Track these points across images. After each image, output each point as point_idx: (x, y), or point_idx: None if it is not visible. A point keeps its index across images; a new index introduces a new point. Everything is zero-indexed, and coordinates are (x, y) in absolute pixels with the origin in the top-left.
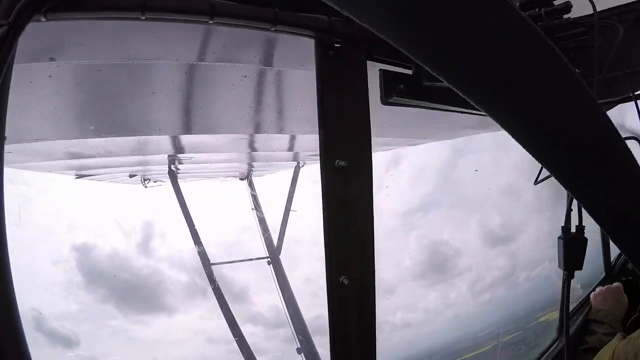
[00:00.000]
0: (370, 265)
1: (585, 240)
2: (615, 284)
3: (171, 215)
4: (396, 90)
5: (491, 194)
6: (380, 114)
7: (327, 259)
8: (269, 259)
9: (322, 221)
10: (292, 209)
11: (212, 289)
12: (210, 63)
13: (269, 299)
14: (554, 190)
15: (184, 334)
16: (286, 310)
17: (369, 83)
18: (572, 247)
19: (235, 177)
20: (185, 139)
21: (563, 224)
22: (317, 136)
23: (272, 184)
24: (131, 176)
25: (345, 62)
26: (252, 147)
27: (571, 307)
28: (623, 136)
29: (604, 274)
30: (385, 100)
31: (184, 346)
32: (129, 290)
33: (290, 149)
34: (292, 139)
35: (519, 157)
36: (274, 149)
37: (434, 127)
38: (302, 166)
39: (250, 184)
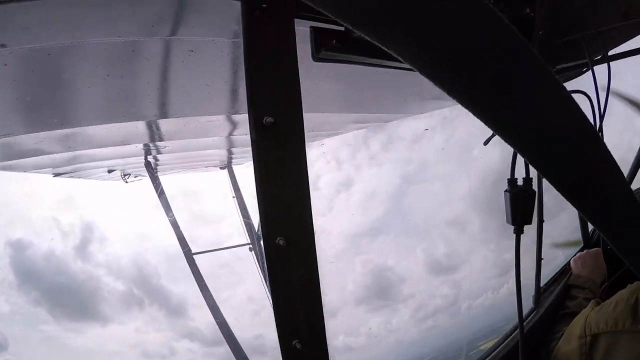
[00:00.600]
0: (308, 225)
1: (534, 193)
2: (595, 249)
3: (116, 217)
4: (326, 46)
5: (438, 224)
6: (349, 89)
7: (261, 221)
8: (250, 246)
9: (254, 181)
10: None
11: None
12: (151, 38)
13: (208, 315)
14: (500, 223)
15: (119, 346)
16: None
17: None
18: (519, 201)
19: (215, 166)
20: (155, 126)
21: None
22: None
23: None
24: (110, 171)
25: (271, 21)
26: (228, 132)
27: (552, 274)
28: (569, 89)
29: (582, 245)
30: (316, 56)
31: (119, 359)
32: (63, 295)
33: None
34: None
35: (467, 189)
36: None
37: (402, 100)
38: None
39: (231, 173)
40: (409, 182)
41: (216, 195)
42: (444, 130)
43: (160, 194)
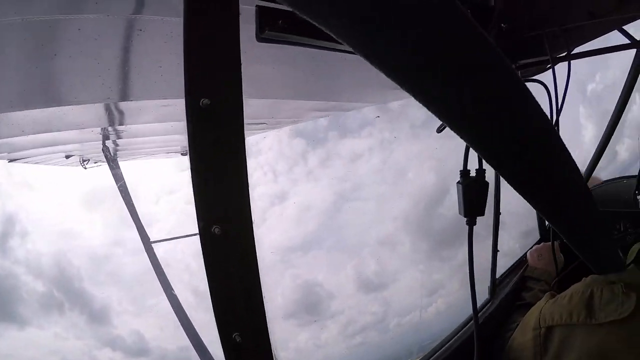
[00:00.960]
0: (246, 213)
1: (486, 184)
2: (551, 241)
3: (43, 210)
4: (271, 25)
5: (370, 242)
6: (306, 75)
7: (197, 208)
8: None
9: (190, 167)
10: None
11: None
12: (97, 16)
13: (133, 323)
14: (430, 245)
15: (37, 352)
16: None
17: None
18: (471, 192)
19: (177, 152)
20: (112, 109)
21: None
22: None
23: None
24: (67, 157)
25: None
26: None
27: (507, 266)
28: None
29: (539, 238)
30: (259, 36)
31: None
32: None
33: None
34: None
35: (400, 210)
36: None
37: (362, 88)
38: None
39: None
40: (344, 199)
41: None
42: (382, 152)
43: (118, 180)
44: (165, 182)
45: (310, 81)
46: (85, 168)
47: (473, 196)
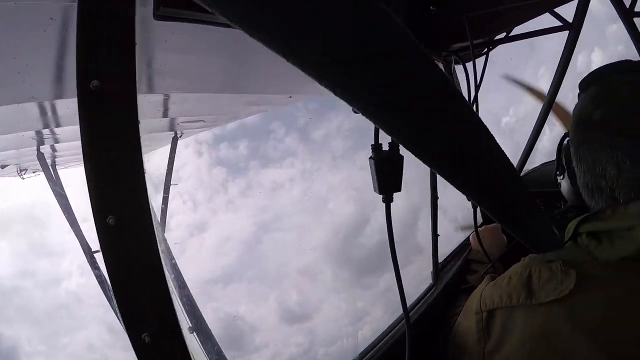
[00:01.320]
0: (143, 202)
1: (401, 157)
2: (494, 224)
3: None
4: (165, 2)
5: (291, 273)
6: (233, 66)
7: (90, 198)
8: None
9: (82, 155)
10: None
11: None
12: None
13: None
14: (352, 274)
15: None
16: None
17: None
18: (385, 167)
19: None
20: (44, 110)
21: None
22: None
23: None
24: (3, 167)
25: None
26: None
27: (450, 250)
28: None
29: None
30: (155, 13)
31: None
32: None
33: (165, 114)
34: (167, 100)
35: (320, 240)
36: (147, 115)
37: (293, 79)
38: (180, 137)
39: None
40: (265, 230)
41: None
42: (304, 182)
43: (56, 189)
44: None
45: (238, 72)
46: (23, 178)
47: (387, 171)
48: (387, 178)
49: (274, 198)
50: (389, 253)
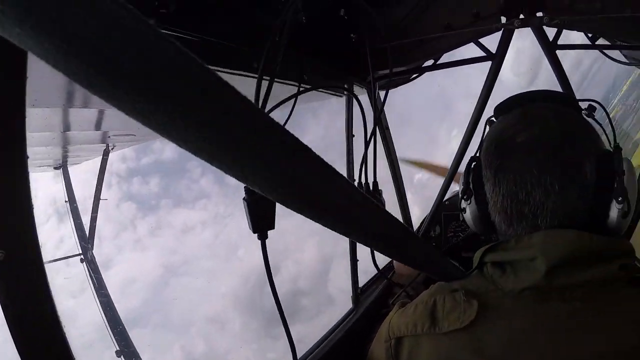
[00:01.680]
0: (31, 235)
1: None
2: None
3: None
4: None
5: (198, 320)
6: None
7: None
8: (82, 257)
9: None
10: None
11: None
12: None
13: None
14: (262, 323)
15: None
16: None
17: None
18: (258, 208)
19: (49, 166)
20: None
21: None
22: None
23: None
24: None
25: None
26: (61, 127)
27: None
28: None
29: None
30: None
31: None
32: None
33: (98, 127)
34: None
35: (229, 287)
36: (83, 127)
37: None
38: (112, 149)
39: (65, 174)
40: (172, 272)
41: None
42: (215, 226)
43: None
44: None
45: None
46: None
47: (260, 212)
48: (260, 218)
49: (184, 240)
50: (300, 302)
